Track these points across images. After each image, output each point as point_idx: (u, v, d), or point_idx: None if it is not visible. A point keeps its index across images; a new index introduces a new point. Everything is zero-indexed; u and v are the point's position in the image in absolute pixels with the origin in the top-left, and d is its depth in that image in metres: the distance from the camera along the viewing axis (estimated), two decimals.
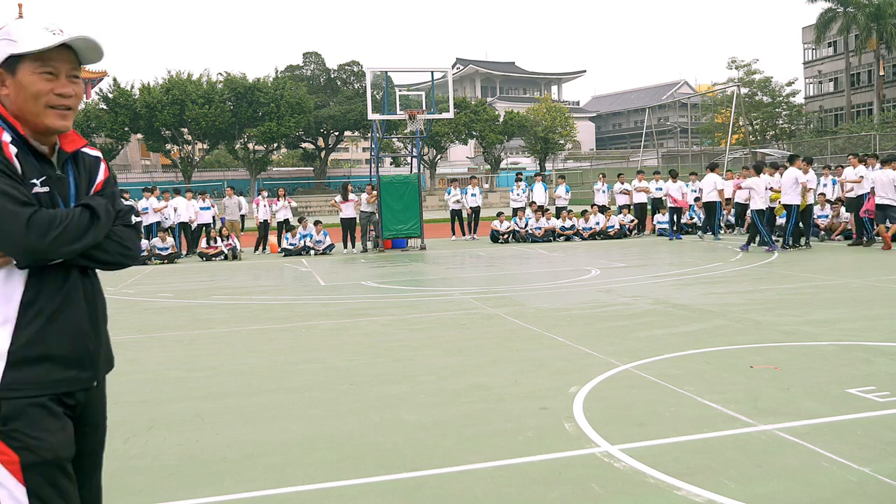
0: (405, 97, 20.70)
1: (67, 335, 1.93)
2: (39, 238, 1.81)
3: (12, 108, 1.93)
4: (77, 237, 1.89)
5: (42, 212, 1.84)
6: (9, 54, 1.92)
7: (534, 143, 58.52)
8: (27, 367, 1.85)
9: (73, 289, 1.97)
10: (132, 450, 4.19)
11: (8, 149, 1.85)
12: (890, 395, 4.56)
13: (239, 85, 46.56)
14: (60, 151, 1.99)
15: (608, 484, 3.43)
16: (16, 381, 1.84)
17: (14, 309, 1.86)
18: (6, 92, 1.94)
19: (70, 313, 1.95)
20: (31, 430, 1.85)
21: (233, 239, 18.46)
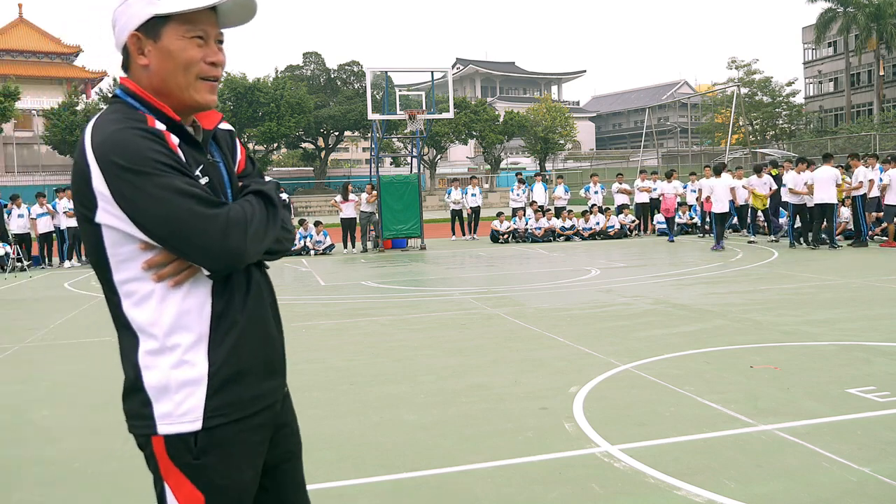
0: (405, 97, 20.70)
1: (260, 343, 1.66)
2: (239, 242, 1.52)
3: (154, 83, 1.60)
4: (266, 232, 1.60)
5: (234, 211, 1.54)
6: (151, 15, 1.57)
7: (534, 143, 58.51)
8: (226, 389, 1.58)
9: (258, 291, 1.68)
10: (132, 450, 4.15)
11: (170, 139, 1.54)
12: (890, 395, 4.56)
13: (239, 85, 46.57)
14: (204, 131, 1.68)
15: (608, 484, 3.43)
16: (216, 408, 1.56)
17: (206, 324, 1.57)
18: (145, 62, 1.59)
19: (259, 318, 1.67)
20: (223, 467, 1.59)
21: None
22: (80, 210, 1.55)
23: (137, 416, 1.59)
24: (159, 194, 1.46)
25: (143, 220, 1.48)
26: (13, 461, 4.11)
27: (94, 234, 1.54)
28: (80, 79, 60.29)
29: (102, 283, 1.62)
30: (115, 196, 1.48)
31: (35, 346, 7.51)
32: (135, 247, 1.53)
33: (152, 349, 1.56)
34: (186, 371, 1.55)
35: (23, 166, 53.35)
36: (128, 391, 1.61)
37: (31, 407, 5.21)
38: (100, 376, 6.13)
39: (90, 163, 1.49)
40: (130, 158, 1.46)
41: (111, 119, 1.54)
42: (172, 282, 1.55)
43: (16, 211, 17.29)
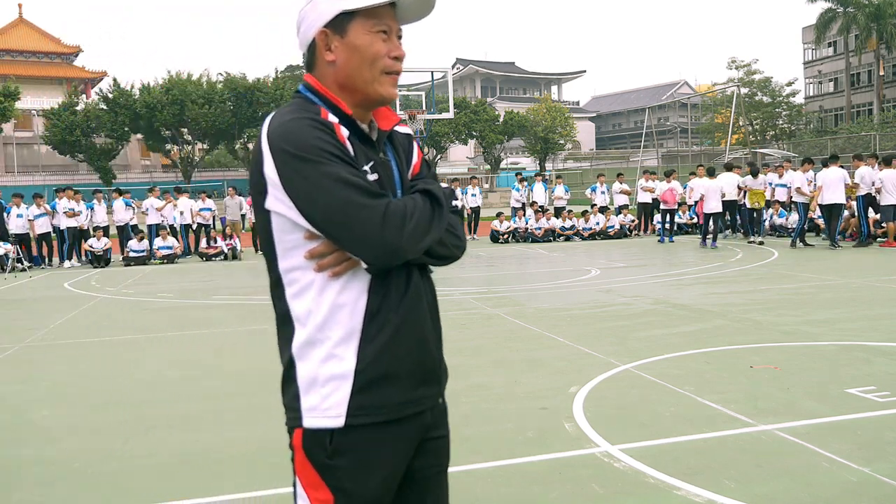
0: (405, 97, 20.71)
1: (414, 347, 1.62)
2: (397, 235, 1.50)
3: (339, 78, 1.61)
4: (427, 230, 1.56)
5: (394, 203, 1.52)
6: (339, 10, 1.58)
7: (534, 144, 58.49)
8: (374, 388, 1.55)
9: (416, 292, 1.62)
10: (132, 450, 4.19)
11: (340, 131, 1.55)
12: (890, 395, 4.56)
13: (239, 85, 46.57)
14: (380, 131, 1.67)
15: (608, 484, 3.43)
16: (361, 406, 1.54)
17: (359, 321, 1.55)
18: (332, 58, 1.60)
19: (415, 321, 1.62)
20: (355, 471, 1.55)
21: (233, 239, 18.47)
22: (254, 196, 1.57)
23: (289, 408, 1.62)
24: (321, 182, 1.47)
25: (306, 207, 1.49)
26: (13, 461, 4.11)
27: (264, 220, 1.56)
28: (80, 79, 60.29)
29: (269, 271, 1.62)
30: (283, 182, 1.50)
31: (35, 346, 7.51)
32: (300, 235, 1.53)
33: (305, 340, 1.57)
34: (334, 365, 1.55)
35: (23, 166, 53.35)
36: (283, 382, 1.64)
37: (31, 407, 5.21)
38: (100, 376, 6.13)
39: (264, 150, 1.52)
40: (297, 145, 1.48)
41: (287, 110, 1.58)
42: (332, 273, 1.54)
43: (15, 210, 17.29)
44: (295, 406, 1.59)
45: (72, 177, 49.28)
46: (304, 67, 1.68)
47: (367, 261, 1.52)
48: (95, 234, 17.58)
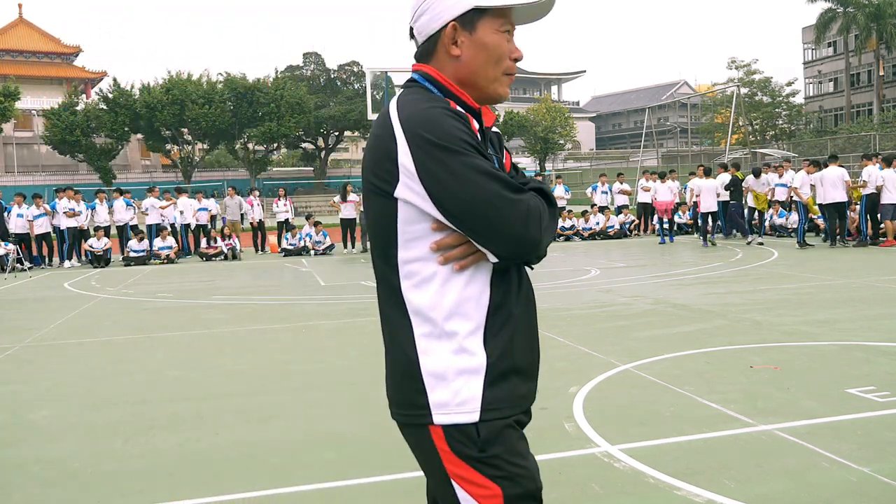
0: None
1: (528, 342, 1.60)
2: (538, 231, 1.48)
3: (461, 74, 1.58)
4: (552, 229, 1.57)
5: (533, 200, 1.50)
6: (472, 6, 1.55)
7: (534, 143, 58.49)
8: (502, 381, 1.53)
9: (527, 287, 1.64)
10: (132, 450, 4.19)
11: (473, 123, 1.52)
12: (890, 395, 4.56)
13: (239, 85, 46.54)
14: (486, 128, 1.65)
15: (608, 484, 3.43)
16: (495, 399, 1.51)
17: (483, 314, 1.52)
18: (457, 53, 1.57)
19: (528, 315, 1.62)
20: (510, 456, 1.53)
21: (233, 239, 18.48)
22: (377, 183, 1.51)
23: (408, 405, 1.54)
24: (465, 173, 1.43)
25: (444, 198, 1.44)
26: (13, 461, 4.11)
27: (388, 209, 1.50)
28: (80, 79, 60.29)
29: (382, 261, 1.57)
30: (420, 171, 1.45)
31: (35, 346, 7.51)
32: (426, 225, 1.49)
33: (429, 333, 1.51)
34: (466, 359, 1.50)
35: (23, 166, 53.36)
36: (399, 376, 1.56)
37: (31, 407, 5.21)
38: (99, 376, 6.13)
39: (397, 137, 1.47)
40: (439, 135, 1.44)
41: (417, 98, 1.53)
42: (458, 265, 1.50)
43: (15, 210, 17.30)
44: (419, 402, 1.52)
45: (72, 177, 49.28)
46: (417, 57, 1.64)
47: (503, 255, 1.49)
48: (96, 234, 17.58)
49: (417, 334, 1.52)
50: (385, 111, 1.55)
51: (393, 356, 1.58)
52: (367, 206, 1.57)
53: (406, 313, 1.53)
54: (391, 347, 1.59)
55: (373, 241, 1.59)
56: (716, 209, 16.56)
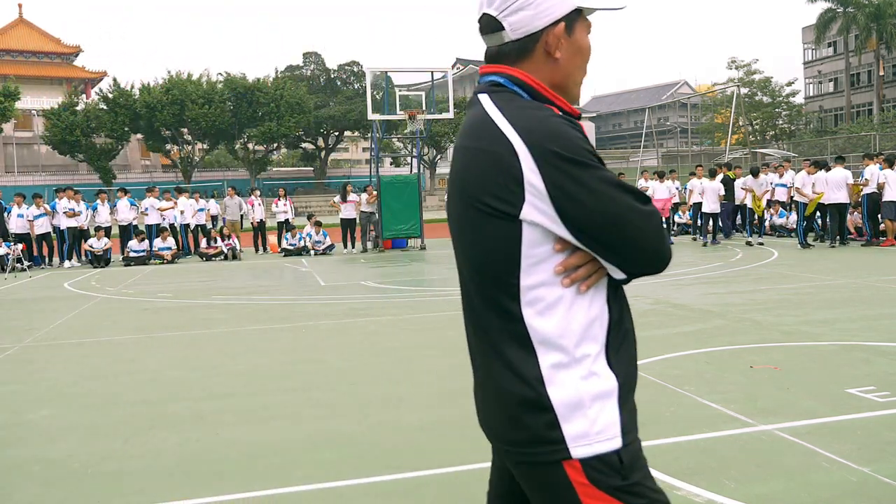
0: (405, 97, 20.71)
1: (635, 360, 1.50)
2: (667, 244, 1.41)
3: (556, 78, 1.46)
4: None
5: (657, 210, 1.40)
6: (575, 6, 1.44)
7: None
8: (629, 401, 1.44)
9: (627, 300, 1.53)
10: (132, 450, 4.19)
11: (585, 132, 1.40)
12: (890, 395, 4.56)
13: (239, 85, 46.56)
14: None
15: None
16: (629, 421, 1.42)
17: (604, 333, 1.42)
18: (559, 55, 1.44)
19: (634, 334, 1.51)
20: (649, 481, 1.44)
21: (233, 239, 18.48)
22: (495, 205, 1.37)
23: (538, 441, 1.39)
24: (600, 188, 1.32)
25: (578, 217, 1.33)
26: (13, 461, 4.11)
27: (508, 232, 1.37)
28: (80, 79, 60.33)
29: (494, 289, 1.42)
30: (551, 190, 1.32)
31: (35, 346, 7.51)
32: (550, 247, 1.37)
33: (559, 362, 1.38)
34: (597, 383, 1.39)
35: (23, 166, 53.35)
36: (518, 413, 1.40)
37: (31, 407, 5.21)
38: (99, 376, 6.13)
39: (519, 152, 1.33)
40: (568, 147, 1.32)
41: (526, 106, 1.40)
42: (585, 286, 1.40)
43: (15, 210, 17.30)
44: (551, 437, 1.37)
45: (72, 177, 49.27)
46: (497, 57, 1.47)
47: (634, 271, 1.41)
48: (96, 234, 17.59)
49: (544, 365, 1.38)
50: (486, 122, 1.40)
51: (506, 391, 1.42)
52: (473, 228, 1.42)
53: (529, 344, 1.39)
54: (503, 383, 1.42)
55: (480, 268, 1.43)
56: (718, 210, 16.69)
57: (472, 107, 1.48)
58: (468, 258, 1.47)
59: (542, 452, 1.39)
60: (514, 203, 1.34)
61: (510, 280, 1.39)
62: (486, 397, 1.49)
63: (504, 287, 1.40)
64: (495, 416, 1.46)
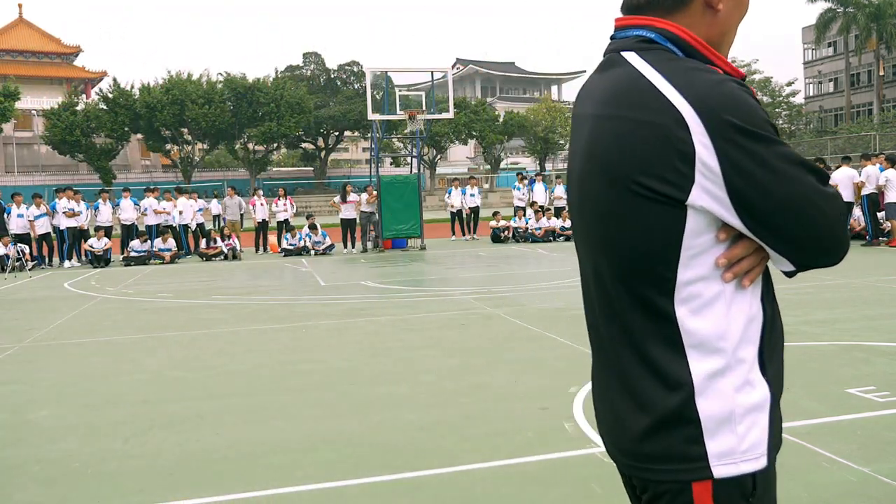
0: (405, 97, 20.70)
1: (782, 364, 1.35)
2: (846, 233, 1.22)
3: (712, 34, 1.24)
4: None
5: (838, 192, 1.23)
6: None
7: (534, 143, 58.51)
8: (778, 413, 1.30)
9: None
10: (132, 450, 4.19)
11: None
12: (890, 395, 4.56)
13: (239, 85, 46.57)
14: None
15: (608, 484, 3.43)
16: (776, 437, 1.28)
17: (759, 335, 1.27)
18: (721, 7, 1.23)
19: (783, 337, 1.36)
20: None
21: (233, 239, 18.48)
22: (656, 187, 1.15)
23: (676, 458, 1.22)
24: (782, 167, 1.13)
25: (754, 201, 1.13)
26: (13, 461, 4.11)
27: (670, 219, 1.17)
28: (80, 79, 60.35)
29: (643, 286, 1.22)
30: (725, 168, 1.12)
31: (35, 346, 7.51)
32: (713, 236, 1.18)
33: (713, 370, 1.20)
34: (750, 394, 1.22)
35: (23, 166, 53.37)
36: (660, 424, 1.22)
37: (31, 407, 5.21)
38: (99, 376, 6.13)
39: (690, 123, 1.12)
40: (749, 119, 1.12)
41: (692, 67, 1.17)
42: (748, 280, 1.22)
43: (15, 210, 17.30)
44: (692, 453, 1.20)
45: (72, 177, 49.29)
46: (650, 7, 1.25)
47: (808, 262, 1.22)
48: (96, 234, 17.59)
49: (696, 371, 1.20)
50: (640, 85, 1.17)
51: (646, 400, 1.24)
52: (622, 214, 1.21)
53: (680, 347, 1.21)
54: (643, 391, 1.24)
55: (627, 260, 1.23)
56: None
57: (611, 67, 1.25)
58: (609, 248, 1.25)
59: (675, 470, 1.22)
60: (682, 185, 1.14)
61: (665, 274, 1.19)
62: (617, 406, 1.30)
63: (655, 282, 1.21)
64: (626, 428, 1.28)
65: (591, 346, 1.38)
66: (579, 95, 1.34)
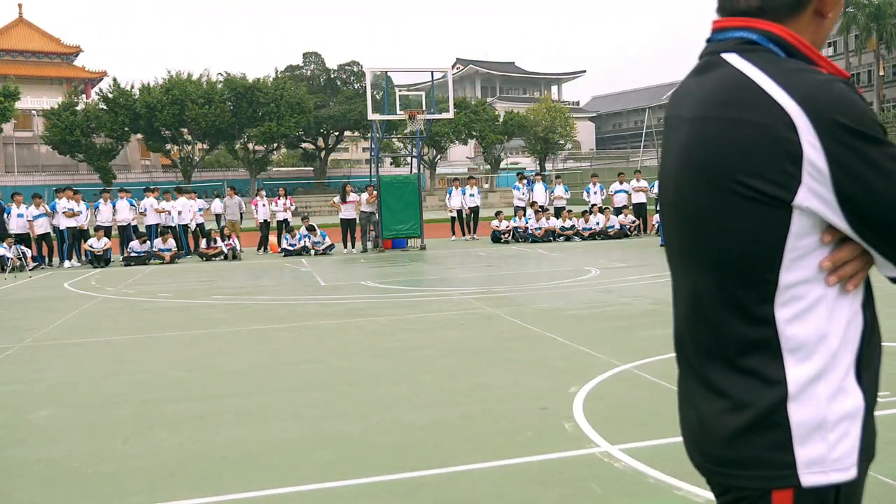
0: (405, 97, 20.70)
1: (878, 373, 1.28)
2: None
3: (816, 40, 1.25)
4: None
5: None
6: None
7: (534, 144, 58.53)
8: (870, 424, 1.23)
9: None
10: (132, 450, 4.19)
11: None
12: (890, 395, 4.56)
13: (239, 85, 46.56)
14: None
15: (608, 484, 3.43)
16: (868, 448, 1.23)
17: (858, 341, 1.22)
18: (830, 15, 1.24)
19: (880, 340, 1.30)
20: None
21: (233, 239, 18.48)
22: (760, 187, 1.14)
23: (761, 464, 1.20)
24: (893, 170, 1.11)
25: (862, 203, 1.11)
26: (13, 461, 4.11)
27: (774, 220, 1.15)
28: (80, 79, 60.36)
29: (746, 288, 1.20)
30: (834, 170, 1.10)
31: (35, 346, 7.51)
32: (817, 238, 1.17)
33: (810, 375, 1.18)
34: (844, 401, 1.19)
35: (23, 166, 53.37)
36: (748, 429, 1.20)
37: (31, 407, 5.21)
38: (99, 376, 6.14)
39: (797, 123, 1.11)
40: (859, 119, 1.11)
41: (797, 67, 1.17)
42: (852, 284, 1.21)
43: (15, 210, 17.30)
44: (779, 460, 1.19)
45: (72, 177, 49.30)
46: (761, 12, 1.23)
47: None
48: (96, 234, 17.59)
49: (792, 376, 1.18)
50: (744, 85, 1.17)
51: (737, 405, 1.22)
52: (722, 215, 1.19)
53: (777, 352, 1.19)
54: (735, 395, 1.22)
55: (726, 262, 1.21)
56: None
57: (711, 69, 1.24)
58: (706, 249, 1.23)
59: (759, 477, 1.20)
60: (788, 186, 1.12)
61: (766, 276, 1.18)
62: (703, 411, 1.28)
63: (755, 285, 1.19)
64: (711, 433, 1.26)
65: (676, 353, 1.36)
66: (674, 99, 1.34)
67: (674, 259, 1.36)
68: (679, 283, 1.34)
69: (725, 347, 1.23)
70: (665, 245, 1.39)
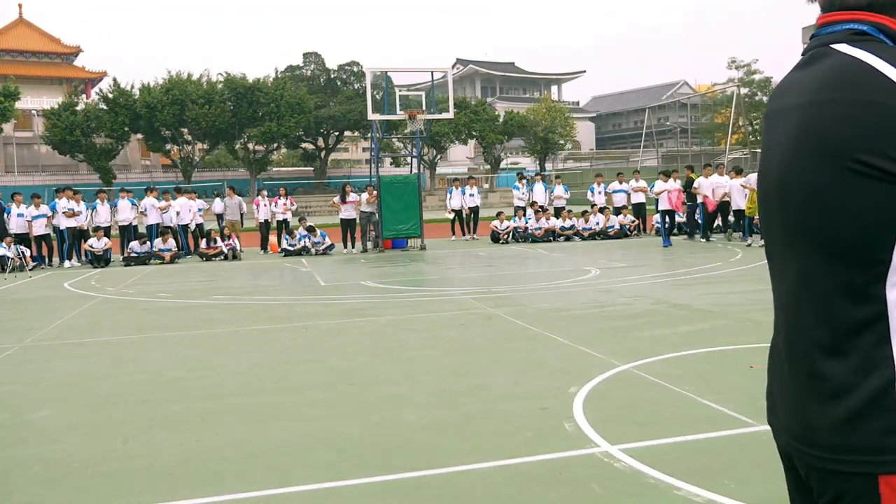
0: (405, 97, 20.71)
1: None
2: None
3: None
4: None
5: None
6: None
7: (534, 144, 58.52)
8: None
9: None
10: (132, 450, 4.19)
11: None
12: None
13: (239, 85, 46.56)
14: None
15: (608, 484, 3.43)
16: None
17: None
18: None
19: None
20: None
21: (233, 239, 18.48)
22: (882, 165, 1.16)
23: (867, 449, 1.19)
24: None
25: None
26: (13, 461, 4.11)
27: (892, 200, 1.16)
28: (80, 79, 60.34)
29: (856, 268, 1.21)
30: None
31: (35, 346, 7.51)
32: None
33: None
34: None
35: (23, 166, 53.37)
36: (857, 414, 1.20)
37: (31, 407, 5.21)
38: (99, 376, 6.13)
39: None
40: None
41: None
42: None
43: (15, 210, 17.29)
44: (889, 445, 1.17)
45: (72, 177, 49.29)
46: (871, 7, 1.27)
47: None
48: (96, 234, 17.59)
49: None
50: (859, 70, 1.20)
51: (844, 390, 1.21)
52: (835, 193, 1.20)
53: (885, 333, 1.19)
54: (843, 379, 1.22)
55: (836, 241, 1.22)
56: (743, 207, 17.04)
57: (819, 60, 1.27)
58: (818, 230, 1.24)
59: (869, 462, 1.18)
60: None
61: (879, 255, 1.18)
62: (804, 396, 1.27)
63: (866, 265, 1.19)
64: (814, 419, 1.25)
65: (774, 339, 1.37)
66: (777, 91, 1.36)
67: (777, 247, 1.36)
68: (784, 268, 1.34)
69: (833, 330, 1.23)
70: (765, 236, 1.39)
